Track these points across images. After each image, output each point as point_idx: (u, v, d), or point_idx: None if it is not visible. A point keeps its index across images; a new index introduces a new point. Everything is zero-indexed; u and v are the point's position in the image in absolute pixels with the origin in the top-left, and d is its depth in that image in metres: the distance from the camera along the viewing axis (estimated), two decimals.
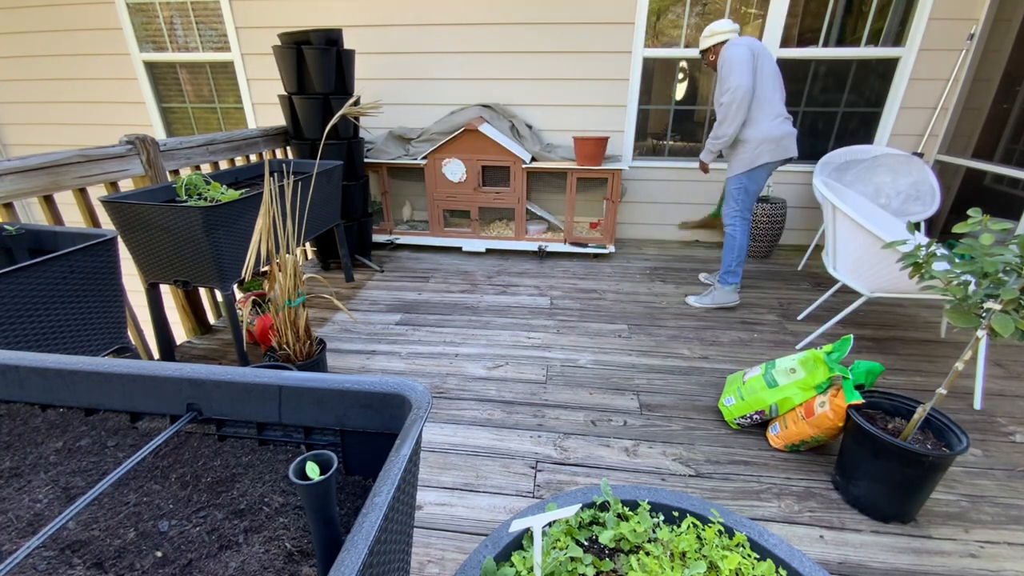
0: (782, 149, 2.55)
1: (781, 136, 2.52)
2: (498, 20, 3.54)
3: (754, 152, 2.56)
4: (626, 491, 1.07)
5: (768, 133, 2.51)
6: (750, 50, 2.43)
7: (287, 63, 2.86)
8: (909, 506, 1.44)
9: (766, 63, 2.50)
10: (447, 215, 3.84)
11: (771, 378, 1.74)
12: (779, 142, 2.53)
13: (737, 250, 2.74)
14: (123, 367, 0.74)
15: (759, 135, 2.52)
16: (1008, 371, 2.24)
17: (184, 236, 1.89)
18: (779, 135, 2.52)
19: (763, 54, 2.50)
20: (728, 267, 2.77)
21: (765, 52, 2.51)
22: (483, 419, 1.89)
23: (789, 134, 2.55)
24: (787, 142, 2.56)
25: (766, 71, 2.50)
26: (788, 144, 2.56)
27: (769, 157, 2.55)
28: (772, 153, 2.54)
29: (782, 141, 2.53)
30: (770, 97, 2.51)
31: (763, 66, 2.49)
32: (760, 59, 2.48)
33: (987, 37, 3.24)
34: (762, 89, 2.49)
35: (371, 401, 0.70)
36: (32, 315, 1.37)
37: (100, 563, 0.60)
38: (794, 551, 0.93)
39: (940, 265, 1.96)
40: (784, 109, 2.57)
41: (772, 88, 2.51)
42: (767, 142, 2.52)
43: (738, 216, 2.71)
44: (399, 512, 0.60)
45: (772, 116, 2.52)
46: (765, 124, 2.52)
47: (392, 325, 2.63)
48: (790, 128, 2.56)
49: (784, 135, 2.54)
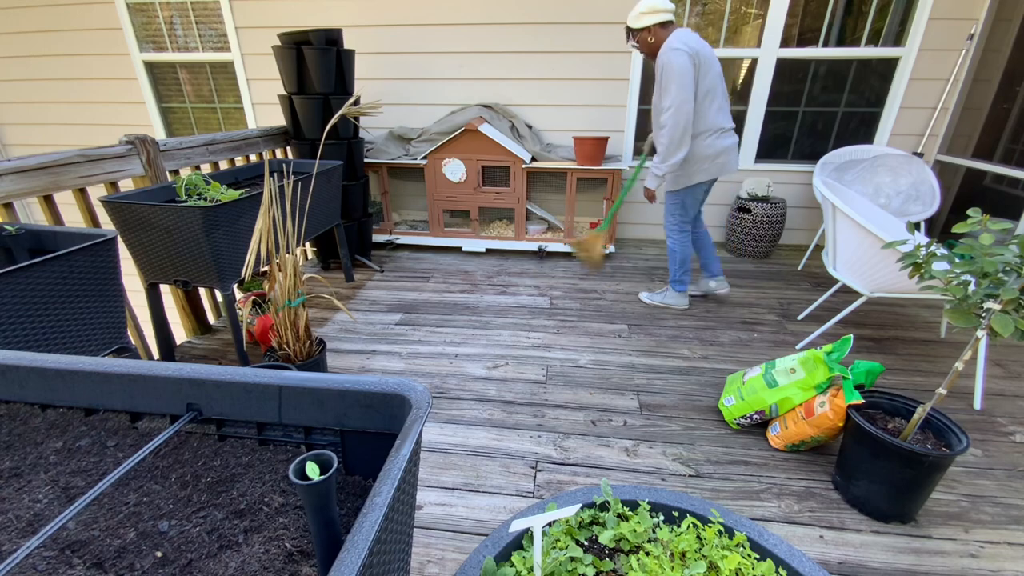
0: (717, 167, 2.40)
1: (717, 154, 2.37)
2: (498, 20, 3.54)
3: (689, 171, 2.42)
4: (626, 491, 1.07)
5: (703, 152, 2.36)
6: (692, 62, 2.19)
7: (287, 63, 2.86)
8: (909, 506, 1.43)
9: (711, 70, 2.26)
10: (447, 215, 3.84)
11: (771, 378, 1.74)
12: (714, 160, 2.38)
13: (679, 261, 2.68)
14: (123, 367, 0.74)
15: (694, 154, 2.37)
16: (1008, 371, 2.24)
17: (184, 236, 1.89)
18: (714, 153, 2.37)
19: (706, 58, 2.24)
20: (674, 276, 2.73)
21: (708, 55, 2.26)
22: (483, 419, 1.89)
23: (726, 149, 2.38)
24: (724, 159, 2.39)
25: (710, 81, 2.26)
26: (725, 161, 2.40)
27: (704, 176, 2.42)
28: (707, 172, 2.41)
29: (718, 159, 2.38)
30: (706, 110, 2.30)
31: (706, 74, 2.25)
32: (703, 66, 2.23)
33: (987, 37, 3.24)
34: (702, 102, 2.28)
35: (371, 401, 0.70)
36: (32, 315, 1.37)
37: (100, 563, 0.60)
38: (794, 551, 0.93)
39: (940, 265, 1.96)
40: (725, 119, 2.37)
41: (713, 99, 2.30)
42: (702, 161, 2.38)
43: (675, 230, 2.64)
44: (399, 512, 0.60)
45: (709, 133, 2.34)
46: (700, 142, 2.35)
47: (392, 325, 2.63)
48: (729, 142, 2.39)
49: (721, 152, 2.37)
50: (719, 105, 2.33)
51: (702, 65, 2.23)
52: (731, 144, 2.40)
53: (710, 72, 2.26)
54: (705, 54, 2.24)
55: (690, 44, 2.20)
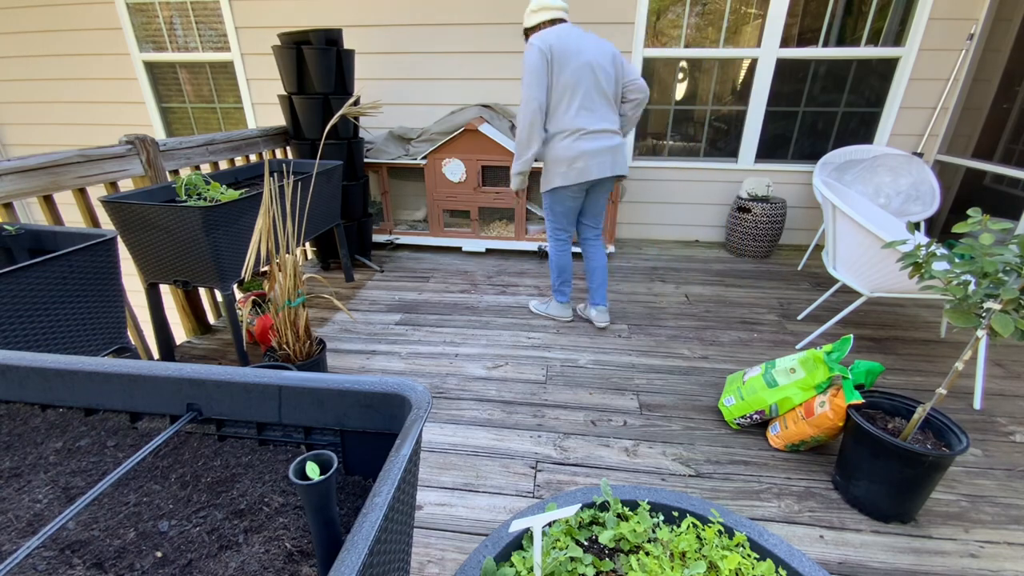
0: (576, 172, 2.15)
1: (574, 157, 2.13)
2: (498, 20, 3.54)
3: (547, 174, 2.25)
4: (626, 491, 1.07)
5: (558, 154, 2.15)
6: (544, 56, 2.02)
7: (287, 63, 2.86)
8: (909, 506, 1.43)
9: (569, 66, 2.05)
10: (447, 215, 3.84)
11: (771, 378, 1.74)
12: (571, 164, 2.14)
13: (556, 269, 2.52)
14: (123, 367, 0.74)
15: (549, 156, 2.20)
16: (1008, 371, 2.24)
17: (184, 236, 1.89)
18: (570, 156, 2.13)
19: (566, 53, 2.04)
20: (553, 285, 2.60)
21: (571, 50, 2.04)
22: (483, 419, 1.89)
23: (585, 153, 2.12)
24: (583, 164, 2.13)
25: (566, 78, 2.06)
26: (584, 166, 2.14)
27: (561, 181, 2.19)
28: (565, 177, 2.17)
29: (575, 163, 2.14)
30: (565, 110, 2.11)
31: (563, 73, 2.05)
32: (559, 61, 2.04)
33: (987, 37, 3.24)
34: (557, 101, 2.10)
35: (371, 401, 0.70)
36: (32, 315, 1.37)
37: (100, 563, 0.60)
38: (794, 551, 0.93)
39: (940, 265, 1.96)
40: (588, 120, 2.12)
41: (572, 98, 2.09)
42: (558, 164, 2.17)
43: (550, 236, 2.48)
44: (399, 512, 0.60)
45: (565, 134, 2.13)
46: (555, 143, 2.16)
47: (392, 325, 2.63)
48: (590, 145, 2.13)
49: (578, 155, 2.12)
50: (581, 104, 2.10)
51: (557, 61, 2.04)
52: (594, 148, 2.13)
53: (567, 68, 2.05)
54: (566, 49, 2.04)
55: (548, 40, 2.04)
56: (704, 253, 3.78)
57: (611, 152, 2.19)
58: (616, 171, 2.23)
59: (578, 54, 2.06)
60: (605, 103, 2.17)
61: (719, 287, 3.13)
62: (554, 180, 2.23)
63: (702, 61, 3.62)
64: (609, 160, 2.19)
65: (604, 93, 2.14)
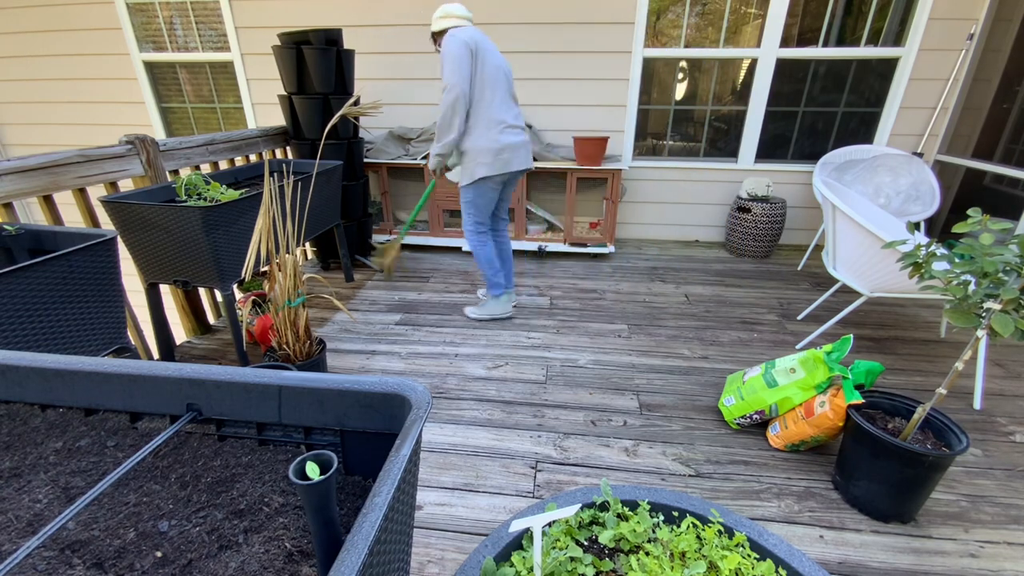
0: (501, 163, 2.27)
1: (500, 149, 2.25)
2: (498, 20, 3.54)
3: (470, 165, 2.31)
4: (626, 491, 1.07)
5: (484, 145, 2.25)
6: (468, 47, 2.14)
7: (287, 63, 2.86)
8: (909, 506, 1.44)
9: (488, 62, 2.20)
10: (447, 215, 3.84)
11: (771, 378, 1.74)
12: (498, 155, 2.26)
13: (485, 263, 2.55)
14: (123, 367, 0.74)
15: (474, 146, 2.27)
16: (1008, 371, 2.25)
17: (184, 236, 1.89)
18: (496, 148, 2.25)
19: (486, 52, 2.19)
20: (487, 280, 2.61)
21: (489, 49, 2.21)
22: (483, 419, 1.89)
23: (509, 146, 2.26)
24: (508, 155, 2.27)
25: (487, 73, 2.20)
26: (510, 157, 2.28)
27: (486, 171, 2.28)
28: (489, 167, 2.27)
29: (501, 154, 2.26)
30: (489, 103, 2.23)
31: (484, 67, 2.19)
32: (480, 56, 2.17)
33: (987, 37, 3.24)
34: (480, 93, 2.21)
35: (371, 401, 0.70)
36: (32, 315, 1.37)
37: (100, 563, 0.60)
38: (794, 551, 0.93)
39: (940, 265, 1.96)
40: (510, 116, 2.28)
41: (493, 92, 2.22)
42: (483, 154, 2.26)
43: (471, 231, 2.51)
44: (399, 512, 0.60)
45: (490, 125, 2.24)
46: (481, 134, 2.24)
47: (392, 325, 2.63)
48: (515, 138, 2.28)
49: (504, 147, 2.25)
50: (502, 99, 2.26)
51: (479, 55, 2.18)
52: (516, 141, 2.29)
53: (487, 64, 2.20)
54: (485, 47, 2.20)
55: (469, 34, 2.18)
56: (704, 253, 3.78)
57: (526, 147, 2.38)
58: (529, 165, 2.43)
59: (494, 54, 2.25)
60: (516, 106, 2.37)
61: (719, 287, 3.13)
62: (478, 171, 2.30)
63: (702, 61, 3.62)
64: (525, 154, 2.37)
65: (513, 96, 2.37)
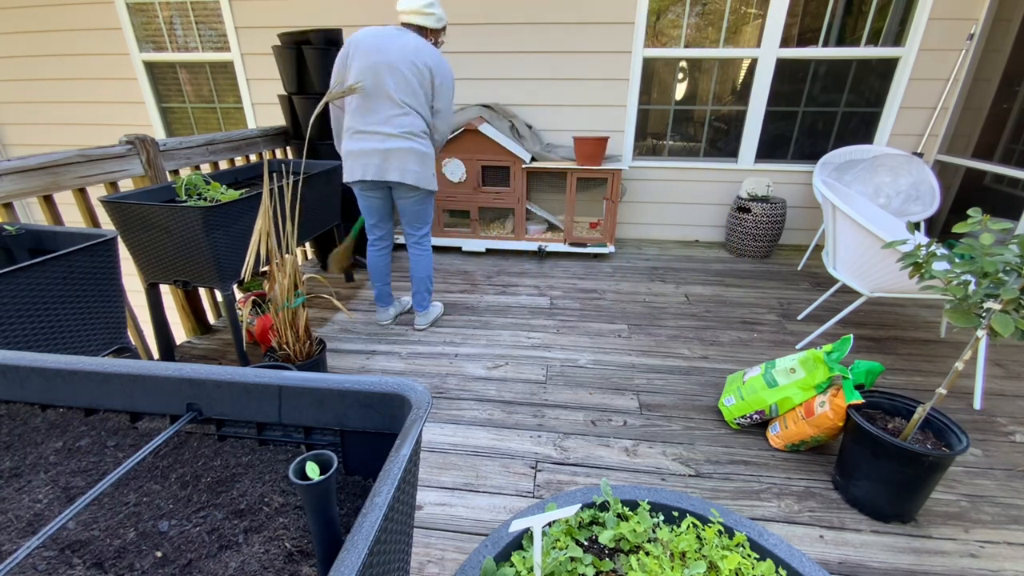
0: (348, 170, 2.18)
1: (346, 155, 2.17)
2: (498, 20, 3.54)
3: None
4: (626, 491, 1.07)
5: (344, 149, 2.19)
6: (344, 50, 2.08)
7: (287, 63, 2.86)
8: (909, 506, 1.44)
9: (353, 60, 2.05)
10: (447, 215, 3.84)
11: (771, 378, 1.74)
12: (346, 161, 2.18)
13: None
14: (123, 367, 0.74)
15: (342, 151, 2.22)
16: (1008, 371, 2.24)
17: (184, 236, 1.89)
18: (344, 153, 2.18)
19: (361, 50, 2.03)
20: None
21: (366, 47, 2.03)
22: (483, 419, 1.89)
23: (351, 153, 2.14)
24: (351, 163, 2.15)
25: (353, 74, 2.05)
26: (352, 165, 2.15)
27: (347, 176, 2.21)
28: (348, 172, 2.19)
29: (347, 161, 2.17)
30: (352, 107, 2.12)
31: (351, 67, 2.06)
32: (352, 57, 2.05)
33: (987, 37, 3.24)
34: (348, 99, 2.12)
35: (371, 401, 0.70)
36: (32, 315, 1.37)
37: (100, 563, 0.60)
38: (794, 551, 0.93)
39: (940, 265, 1.96)
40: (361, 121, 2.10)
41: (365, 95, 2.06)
42: (344, 158, 2.20)
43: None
44: (399, 512, 0.60)
45: (345, 132, 2.17)
46: (344, 140, 2.18)
47: (392, 325, 2.63)
48: (356, 146, 2.12)
49: (347, 154, 2.16)
50: (359, 104, 2.10)
51: (351, 56, 2.06)
52: (359, 149, 2.11)
53: (352, 66, 2.05)
54: (359, 47, 2.04)
55: (356, 35, 2.08)
56: (704, 253, 3.78)
57: (380, 155, 2.11)
58: (389, 176, 2.13)
59: (371, 51, 2.03)
60: (385, 105, 2.07)
61: (719, 287, 3.13)
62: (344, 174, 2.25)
63: (702, 61, 3.62)
64: (372, 164, 2.12)
65: (385, 93, 2.05)
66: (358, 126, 2.12)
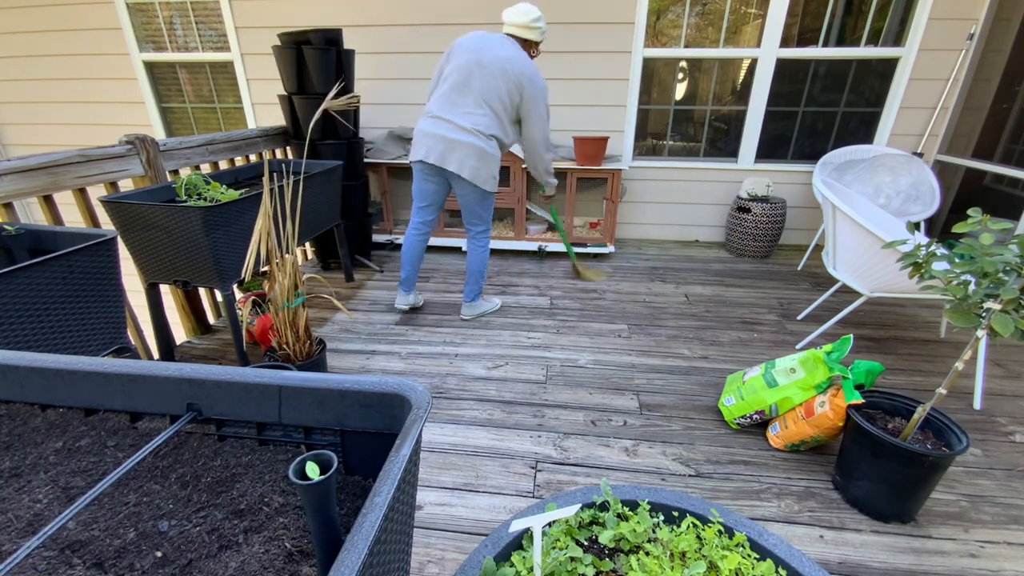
0: (415, 148, 2.33)
1: (417, 133, 2.32)
2: (498, 20, 3.52)
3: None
4: (626, 491, 1.07)
5: (417, 128, 2.33)
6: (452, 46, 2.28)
7: (287, 63, 2.86)
8: (909, 506, 1.44)
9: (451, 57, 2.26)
10: (447, 215, 3.84)
11: (771, 378, 1.74)
12: (416, 139, 2.33)
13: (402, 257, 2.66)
14: (123, 367, 0.74)
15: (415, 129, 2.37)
16: (1008, 371, 2.24)
17: (184, 236, 1.89)
18: (417, 131, 2.32)
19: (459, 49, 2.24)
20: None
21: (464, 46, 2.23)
22: (483, 419, 1.89)
23: (422, 132, 2.29)
24: (419, 142, 2.30)
25: (449, 67, 2.26)
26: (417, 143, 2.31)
27: (412, 155, 2.37)
28: (414, 150, 2.34)
29: (416, 139, 2.32)
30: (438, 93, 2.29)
31: (448, 62, 2.28)
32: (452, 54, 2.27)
33: (987, 37, 3.24)
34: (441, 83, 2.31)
35: (371, 401, 0.70)
36: (32, 315, 1.37)
37: (100, 563, 0.60)
38: (794, 551, 0.93)
39: (940, 265, 1.96)
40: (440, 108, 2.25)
41: (444, 84, 2.27)
42: (414, 136, 2.35)
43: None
44: (399, 512, 0.60)
45: (427, 112, 2.31)
46: (422, 119, 2.32)
47: (392, 325, 2.63)
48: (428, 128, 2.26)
49: (420, 132, 2.30)
50: (444, 93, 2.26)
51: (451, 54, 2.28)
52: (430, 131, 2.26)
53: (452, 61, 2.26)
54: (462, 45, 2.25)
55: (462, 37, 2.28)
56: (704, 253, 3.78)
57: (446, 143, 2.23)
58: (447, 165, 2.24)
59: (467, 51, 2.22)
60: (465, 100, 2.23)
61: (719, 287, 3.13)
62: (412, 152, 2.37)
63: (702, 61, 3.62)
64: (433, 146, 2.25)
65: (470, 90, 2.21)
66: (436, 111, 2.26)
